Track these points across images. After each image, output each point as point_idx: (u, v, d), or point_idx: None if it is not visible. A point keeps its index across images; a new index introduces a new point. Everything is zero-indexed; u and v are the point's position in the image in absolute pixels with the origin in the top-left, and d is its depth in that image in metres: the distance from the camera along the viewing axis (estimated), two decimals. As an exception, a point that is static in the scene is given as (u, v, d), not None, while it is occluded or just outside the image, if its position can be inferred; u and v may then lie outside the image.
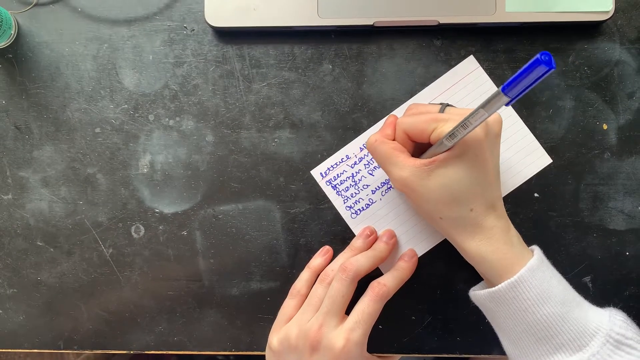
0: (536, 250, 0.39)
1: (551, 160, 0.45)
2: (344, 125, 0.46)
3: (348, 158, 0.46)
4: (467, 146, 0.37)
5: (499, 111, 0.33)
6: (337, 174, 0.46)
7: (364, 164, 0.46)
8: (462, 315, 0.46)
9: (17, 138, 0.47)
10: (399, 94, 0.46)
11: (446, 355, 0.47)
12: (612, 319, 0.38)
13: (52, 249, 0.47)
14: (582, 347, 0.37)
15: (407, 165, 0.38)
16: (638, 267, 0.45)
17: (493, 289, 0.38)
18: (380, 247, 0.44)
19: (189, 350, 0.48)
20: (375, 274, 0.44)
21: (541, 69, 0.27)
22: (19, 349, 0.48)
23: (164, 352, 0.48)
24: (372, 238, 0.45)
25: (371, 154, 0.41)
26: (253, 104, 0.46)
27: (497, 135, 0.39)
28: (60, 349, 0.48)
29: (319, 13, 0.44)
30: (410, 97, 0.46)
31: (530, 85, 0.28)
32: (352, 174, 0.46)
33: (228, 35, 0.46)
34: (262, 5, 0.45)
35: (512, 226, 0.40)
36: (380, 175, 0.46)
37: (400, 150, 0.40)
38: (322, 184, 0.46)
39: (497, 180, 0.39)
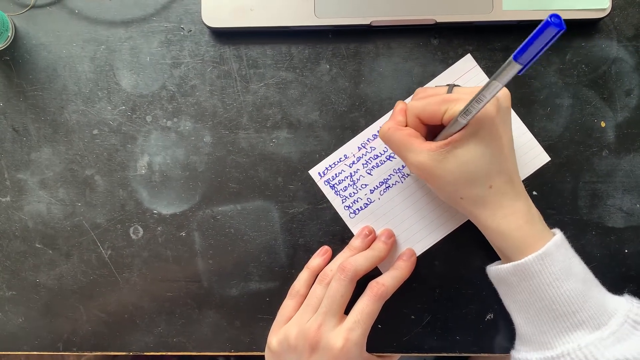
0: (558, 230, 0.40)
1: (549, 159, 0.45)
2: (341, 125, 0.46)
3: (346, 157, 0.46)
4: (481, 123, 0.37)
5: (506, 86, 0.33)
6: (336, 174, 0.46)
7: (362, 164, 0.46)
8: (461, 314, 0.46)
9: (14, 140, 0.47)
10: (396, 93, 0.46)
11: (446, 354, 0.47)
12: (629, 301, 0.39)
13: (50, 251, 0.47)
14: (601, 326, 0.37)
15: (423, 150, 0.38)
16: (637, 264, 0.45)
17: (519, 261, 0.38)
18: (379, 246, 0.44)
19: (188, 351, 0.47)
20: (374, 273, 0.44)
21: (551, 30, 0.26)
22: (18, 351, 0.48)
23: (164, 354, 0.48)
24: (371, 238, 0.45)
25: (385, 143, 0.41)
26: (251, 105, 0.46)
27: (508, 109, 0.39)
28: (60, 351, 0.48)
29: (315, 13, 0.44)
30: (408, 97, 0.46)
31: (541, 50, 0.28)
32: (350, 173, 0.46)
33: (225, 35, 0.46)
34: (258, 5, 0.45)
35: (532, 204, 0.40)
36: (378, 174, 0.46)
37: (415, 135, 0.39)
38: (320, 183, 0.46)
39: (512, 154, 0.39)
